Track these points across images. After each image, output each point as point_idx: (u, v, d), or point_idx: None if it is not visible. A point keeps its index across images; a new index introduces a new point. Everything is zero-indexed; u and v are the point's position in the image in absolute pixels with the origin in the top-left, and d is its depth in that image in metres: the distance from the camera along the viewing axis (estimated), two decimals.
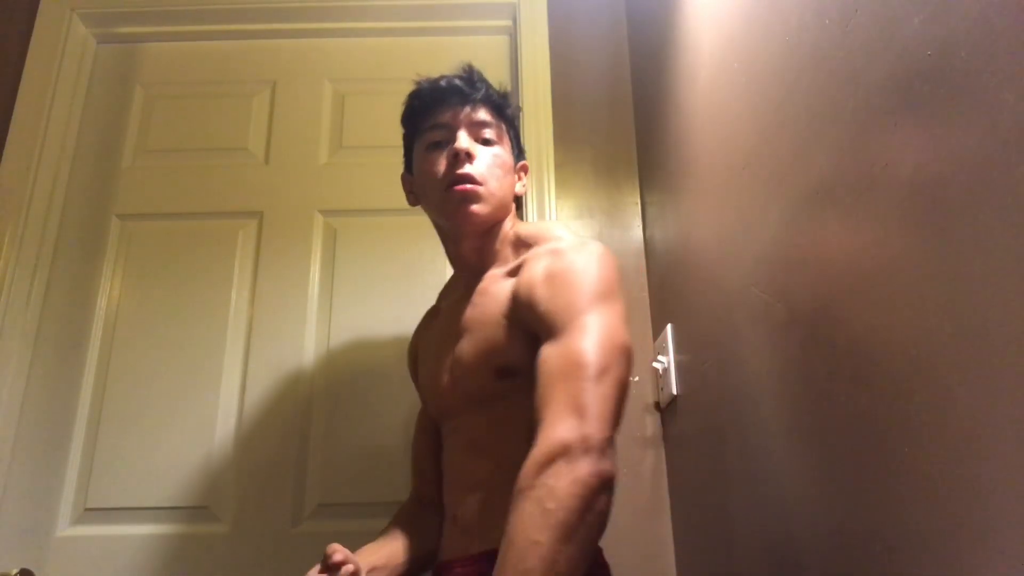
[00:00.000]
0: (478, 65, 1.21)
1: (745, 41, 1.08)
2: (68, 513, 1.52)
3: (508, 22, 1.89)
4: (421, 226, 1.25)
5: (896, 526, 0.69)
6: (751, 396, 1.06)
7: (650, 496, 1.49)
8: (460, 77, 1.17)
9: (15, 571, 1.42)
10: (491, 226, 1.15)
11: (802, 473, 0.90)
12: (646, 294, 1.64)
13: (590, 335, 0.90)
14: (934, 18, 0.64)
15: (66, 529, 1.50)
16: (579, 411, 0.84)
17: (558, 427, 0.83)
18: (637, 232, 1.70)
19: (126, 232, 1.73)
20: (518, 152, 1.23)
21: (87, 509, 1.52)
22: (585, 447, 0.81)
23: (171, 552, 1.48)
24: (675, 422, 1.45)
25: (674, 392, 1.42)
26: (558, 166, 1.73)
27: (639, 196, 1.72)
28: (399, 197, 1.26)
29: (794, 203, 0.92)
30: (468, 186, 1.10)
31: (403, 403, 1.59)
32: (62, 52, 1.78)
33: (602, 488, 0.81)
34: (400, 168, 1.24)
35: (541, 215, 1.67)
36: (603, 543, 1.46)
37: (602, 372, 0.87)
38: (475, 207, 1.11)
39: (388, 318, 1.66)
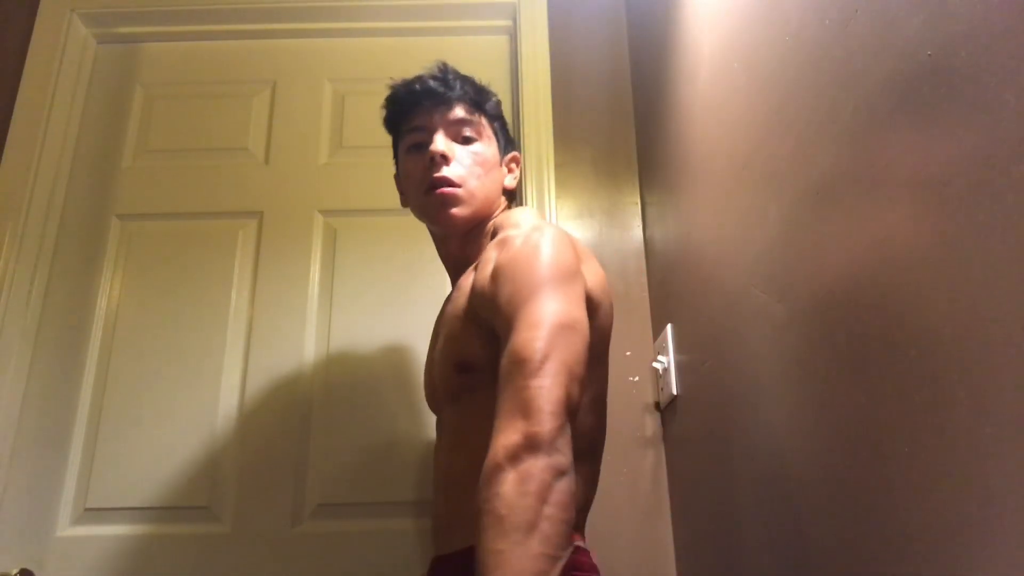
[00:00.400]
0: (478, 65, 1.21)
1: (745, 41, 1.08)
2: (68, 513, 1.52)
3: (508, 22, 1.89)
4: (421, 226, 1.25)
5: (896, 526, 0.69)
6: (751, 396, 1.06)
7: (650, 496, 1.49)
8: (435, 77, 1.16)
9: (15, 571, 1.42)
10: (475, 225, 1.14)
11: (802, 473, 0.90)
12: (646, 294, 1.64)
13: (530, 326, 0.88)
14: (934, 18, 0.64)
15: (66, 529, 1.50)
16: (523, 411, 0.81)
17: (505, 433, 0.81)
18: (637, 232, 1.70)
19: (126, 232, 1.73)
20: (506, 144, 1.22)
21: (87, 509, 1.52)
22: (532, 445, 0.79)
23: (171, 552, 1.48)
24: (675, 422, 1.45)
25: (674, 392, 1.42)
26: (558, 166, 1.73)
27: (639, 196, 1.72)
28: (399, 197, 1.27)
29: (794, 203, 0.92)
30: (447, 189, 1.10)
31: (403, 403, 1.59)
32: (62, 52, 1.78)
33: (556, 477, 0.78)
34: None
35: (541, 215, 1.66)
36: (603, 542, 1.47)
37: (543, 361, 0.84)
38: (455, 210, 1.11)
39: (388, 318, 1.66)
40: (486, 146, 1.17)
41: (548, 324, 0.87)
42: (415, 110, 1.15)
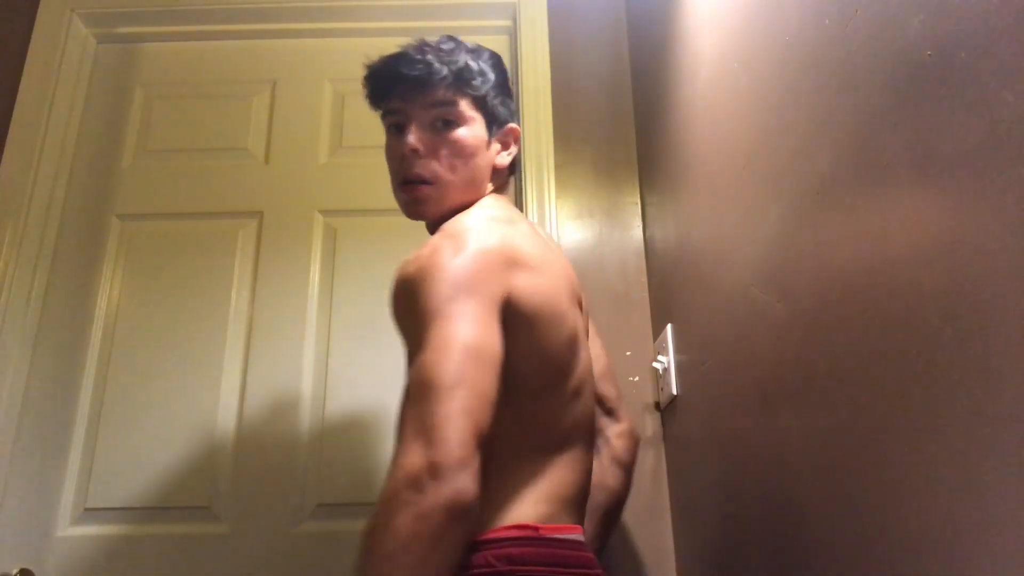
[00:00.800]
0: None
1: (745, 41, 1.08)
2: (68, 513, 1.52)
3: (508, 22, 1.89)
4: (421, 226, 1.24)
5: (895, 525, 0.69)
6: (751, 396, 1.06)
7: (650, 496, 1.49)
8: (411, 59, 1.08)
9: (15, 571, 1.42)
10: (455, 209, 1.09)
11: (802, 473, 0.90)
12: (646, 294, 1.64)
13: (434, 349, 0.84)
14: (934, 18, 0.64)
15: (66, 529, 1.50)
16: (426, 435, 0.78)
17: (406, 456, 0.78)
18: (637, 232, 1.70)
19: (126, 232, 1.73)
20: (503, 117, 1.14)
21: (87, 509, 1.52)
22: (433, 475, 0.75)
23: (171, 552, 1.48)
24: (675, 422, 1.45)
25: (674, 392, 1.42)
26: (558, 166, 1.73)
27: (639, 196, 1.72)
28: None
29: (794, 203, 0.92)
30: (416, 187, 1.08)
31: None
32: (62, 52, 1.78)
33: (451, 520, 0.75)
34: None
35: (541, 216, 1.67)
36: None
37: (452, 387, 0.81)
38: (424, 208, 1.09)
39: (387, 318, 1.65)
40: (468, 129, 1.09)
41: (455, 348, 0.84)
42: (390, 93, 1.11)
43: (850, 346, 0.78)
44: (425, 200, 1.08)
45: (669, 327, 1.46)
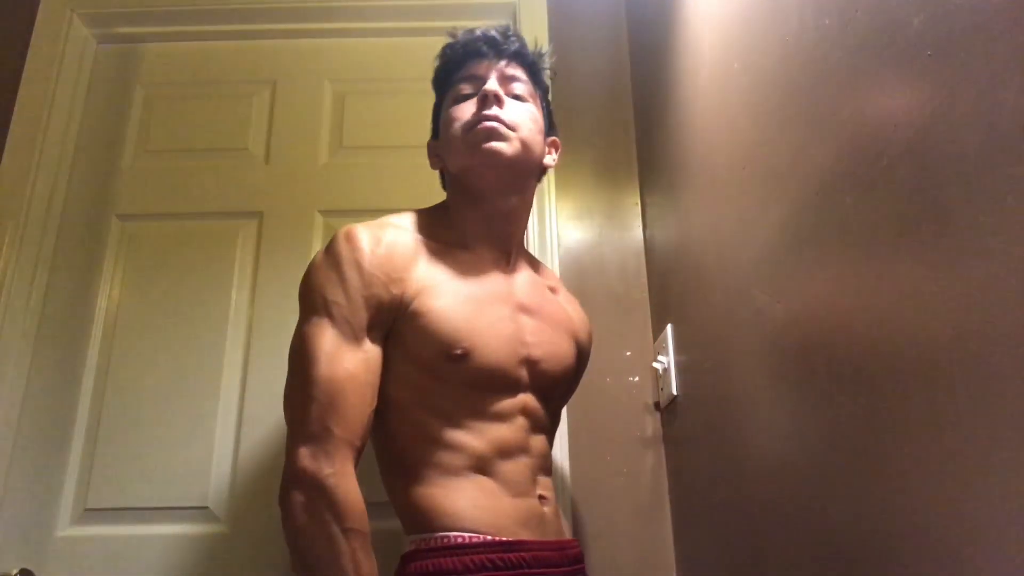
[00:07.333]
0: None
1: (745, 41, 1.08)
2: (68, 513, 1.52)
3: (508, 22, 1.89)
4: None
5: (896, 526, 0.69)
6: (751, 396, 1.06)
7: (650, 496, 1.49)
8: (497, 30, 1.15)
9: (15, 571, 1.42)
10: (519, 183, 1.11)
11: (802, 473, 0.90)
12: (646, 294, 1.64)
13: None
14: (934, 18, 0.64)
15: (66, 529, 1.50)
16: None
17: None
18: (637, 232, 1.70)
19: (126, 232, 1.73)
20: (549, 125, 1.19)
21: (87, 509, 1.52)
22: None
23: (171, 552, 1.48)
24: (675, 422, 1.45)
25: (674, 392, 1.42)
26: (558, 167, 1.72)
27: (639, 196, 1.72)
28: (399, 197, 1.27)
29: (794, 203, 0.92)
30: (493, 124, 1.06)
31: None
32: (62, 52, 1.78)
33: None
34: (400, 168, 1.25)
35: (541, 217, 1.67)
36: (603, 542, 1.47)
37: None
38: (499, 144, 1.05)
39: None
40: (536, 110, 1.14)
41: None
42: (472, 59, 1.13)
43: (850, 346, 0.78)
44: (502, 136, 1.10)
45: (669, 327, 1.46)
